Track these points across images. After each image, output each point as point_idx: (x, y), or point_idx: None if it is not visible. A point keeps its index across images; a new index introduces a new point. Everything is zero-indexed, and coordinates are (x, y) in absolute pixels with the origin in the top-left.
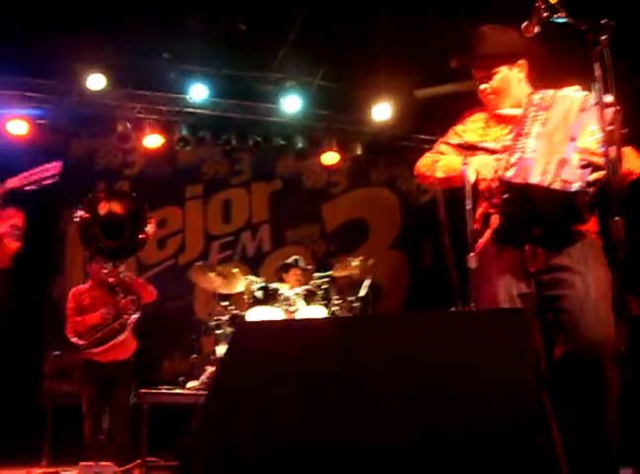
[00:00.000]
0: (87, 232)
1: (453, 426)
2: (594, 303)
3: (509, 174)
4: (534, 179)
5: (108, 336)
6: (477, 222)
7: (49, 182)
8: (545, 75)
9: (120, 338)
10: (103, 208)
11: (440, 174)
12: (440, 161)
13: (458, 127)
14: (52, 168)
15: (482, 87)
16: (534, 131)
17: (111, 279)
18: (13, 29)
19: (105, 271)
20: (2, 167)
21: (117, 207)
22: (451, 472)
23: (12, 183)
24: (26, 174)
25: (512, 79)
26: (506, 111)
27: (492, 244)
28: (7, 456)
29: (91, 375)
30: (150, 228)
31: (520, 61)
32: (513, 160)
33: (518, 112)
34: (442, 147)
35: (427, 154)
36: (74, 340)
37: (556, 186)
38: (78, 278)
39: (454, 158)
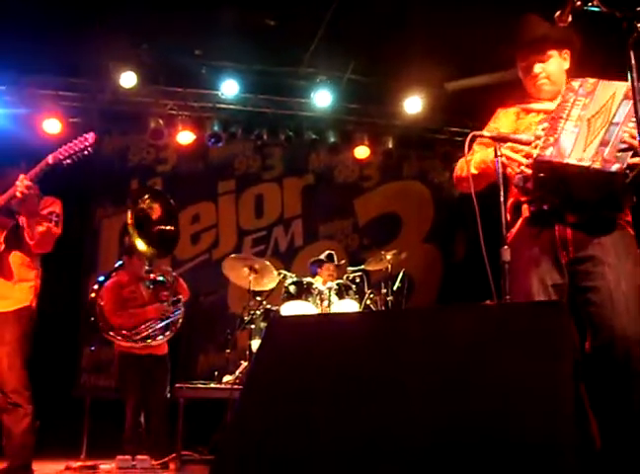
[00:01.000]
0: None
1: (489, 419)
2: (624, 296)
3: (547, 153)
4: (574, 158)
5: (153, 334)
6: (508, 212)
7: (86, 153)
8: (580, 69)
9: (163, 340)
10: (145, 206)
11: (473, 170)
12: (472, 159)
13: (490, 126)
14: (87, 139)
15: (537, 70)
16: (574, 115)
17: (151, 276)
18: (45, 28)
19: (146, 267)
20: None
21: (156, 208)
22: (486, 466)
23: (53, 158)
24: (63, 148)
25: (561, 66)
26: (539, 106)
27: (524, 234)
28: (46, 450)
29: (129, 369)
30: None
31: (565, 50)
32: (551, 140)
33: (551, 107)
34: (476, 148)
35: (461, 160)
36: (110, 332)
37: (596, 165)
38: None
39: (485, 152)
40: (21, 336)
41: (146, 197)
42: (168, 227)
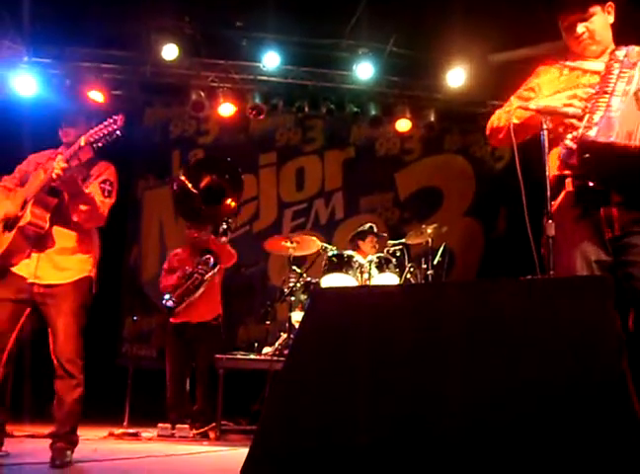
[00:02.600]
0: (182, 198)
1: (530, 394)
2: None
3: (592, 133)
4: (620, 139)
5: (184, 294)
6: (550, 183)
7: (115, 136)
8: (623, 25)
9: (195, 296)
10: (203, 179)
11: (515, 120)
12: (511, 110)
13: (532, 81)
14: (116, 121)
15: (580, 31)
16: (619, 90)
17: (197, 242)
18: (88, 2)
19: (195, 235)
20: None
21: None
22: (526, 442)
23: (85, 141)
24: (95, 130)
25: (605, 22)
26: (584, 64)
27: (567, 208)
28: (90, 416)
29: (170, 337)
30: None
31: (609, 3)
32: (596, 118)
33: (595, 66)
34: (514, 101)
35: (498, 111)
36: (165, 301)
37: None
38: (154, 246)
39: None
40: (79, 306)
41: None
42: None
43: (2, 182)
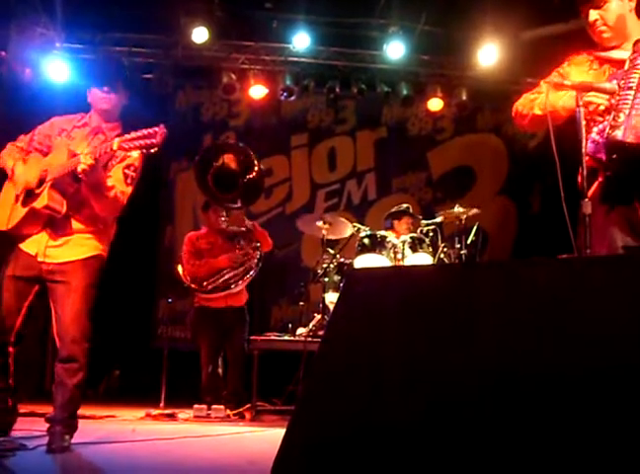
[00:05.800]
0: (205, 180)
1: (567, 372)
2: None
3: (618, 133)
4: None
5: (231, 281)
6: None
7: (152, 151)
8: None
9: (242, 285)
10: (218, 161)
11: (537, 111)
12: (538, 99)
13: (563, 68)
14: (156, 134)
15: (592, 18)
16: None
17: (230, 228)
18: None
19: (222, 219)
20: None
21: (230, 160)
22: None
23: (118, 146)
24: (131, 136)
25: (622, 9)
26: (611, 54)
27: (598, 201)
28: (128, 398)
29: (207, 322)
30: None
31: None
32: (621, 118)
33: (623, 55)
34: (544, 88)
35: (525, 94)
36: (192, 284)
37: None
38: (188, 227)
39: (555, 95)
40: (88, 284)
41: (216, 154)
42: (249, 175)
43: (19, 141)
